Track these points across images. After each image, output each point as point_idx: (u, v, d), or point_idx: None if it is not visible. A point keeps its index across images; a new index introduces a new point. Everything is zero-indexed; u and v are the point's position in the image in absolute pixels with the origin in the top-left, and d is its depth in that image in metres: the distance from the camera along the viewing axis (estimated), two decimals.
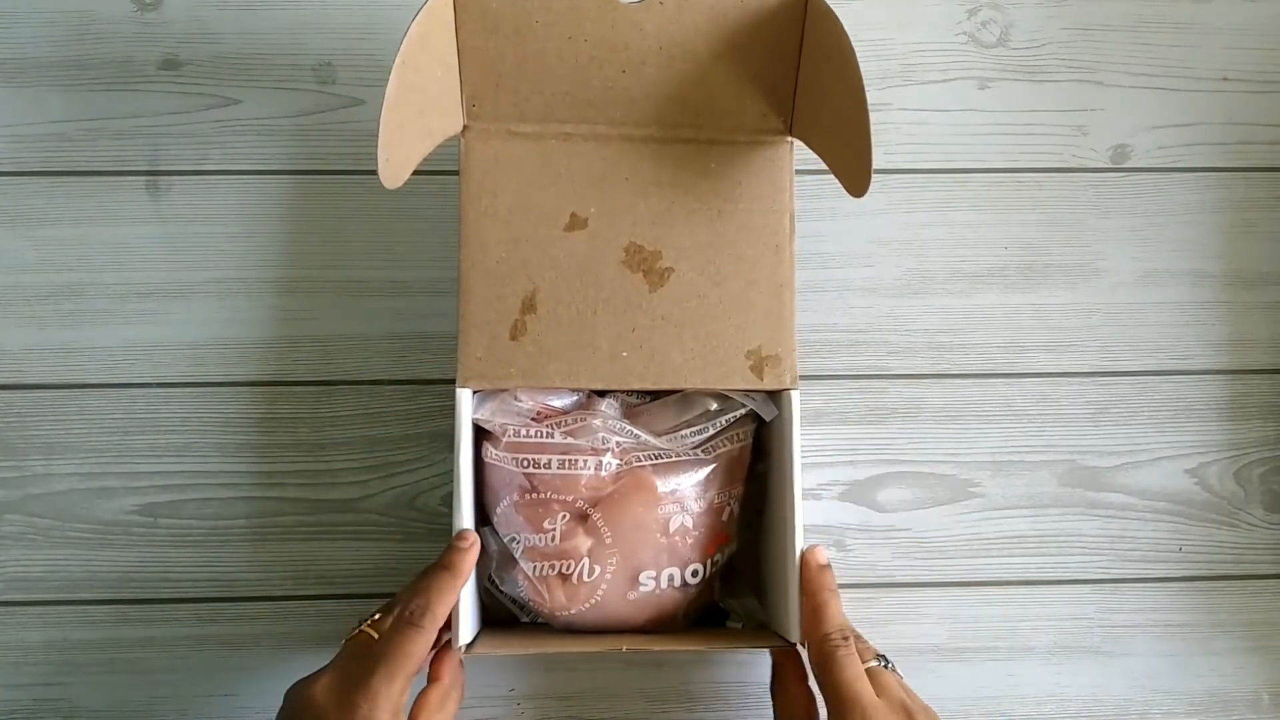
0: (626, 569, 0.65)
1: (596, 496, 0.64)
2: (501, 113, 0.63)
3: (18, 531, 0.72)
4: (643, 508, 0.64)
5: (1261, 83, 0.78)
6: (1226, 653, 0.75)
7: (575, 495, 0.64)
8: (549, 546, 0.64)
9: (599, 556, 0.64)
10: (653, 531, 0.65)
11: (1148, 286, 0.77)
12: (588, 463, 0.64)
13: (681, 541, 0.65)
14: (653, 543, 0.65)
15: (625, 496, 0.64)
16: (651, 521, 0.65)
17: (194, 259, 0.74)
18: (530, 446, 0.64)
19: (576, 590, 0.64)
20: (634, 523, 0.64)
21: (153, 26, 0.75)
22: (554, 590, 0.65)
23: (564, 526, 0.64)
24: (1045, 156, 0.77)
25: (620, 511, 0.64)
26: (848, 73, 0.54)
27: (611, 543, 0.64)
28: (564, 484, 0.64)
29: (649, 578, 0.65)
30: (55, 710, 0.72)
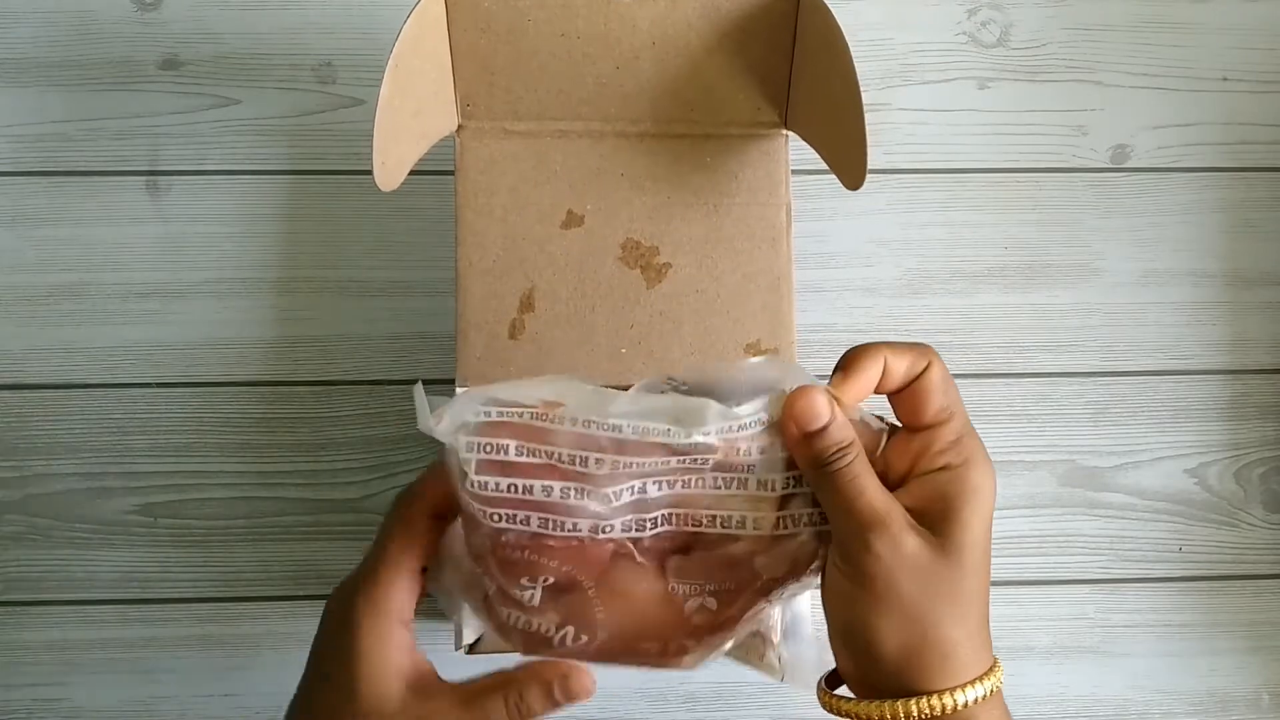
0: (620, 640, 0.50)
1: (595, 566, 0.49)
2: (496, 111, 0.63)
3: (18, 531, 0.72)
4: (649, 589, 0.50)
5: (1262, 83, 0.78)
6: (1227, 653, 0.75)
7: (562, 562, 0.49)
8: (524, 603, 0.49)
9: (586, 626, 0.49)
10: (661, 610, 0.50)
11: (1148, 286, 0.77)
12: (580, 526, 0.47)
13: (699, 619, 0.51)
14: (659, 620, 0.50)
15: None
16: (661, 603, 0.50)
17: (194, 259, 0.74)
18: (503, 501, 0.47)
19: (550, 649, 0.50)
20: (638, 608, 0.50)
21: (153, 26, 0.75)
22: (521, 642, 0.51)
23: (544, 591, 0.49)
24: (1045, 156, 0.77)
25: (621, 590, 0.50)
26: (841, 66, 0.54)
27: (604, 618, 0.49)
28: (547, 550, 0.49)
29: (650, 644, 0.51)
30: (55, 710, 0.72)
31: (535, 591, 0.48)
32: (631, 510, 0.47)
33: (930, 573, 0.44)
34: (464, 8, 0.60)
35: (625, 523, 0.47)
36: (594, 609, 0.49)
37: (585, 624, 0.49)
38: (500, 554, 0.48)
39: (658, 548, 0.48)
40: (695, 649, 0.49)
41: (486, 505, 0.46)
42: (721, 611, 0.49)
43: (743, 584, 0.48)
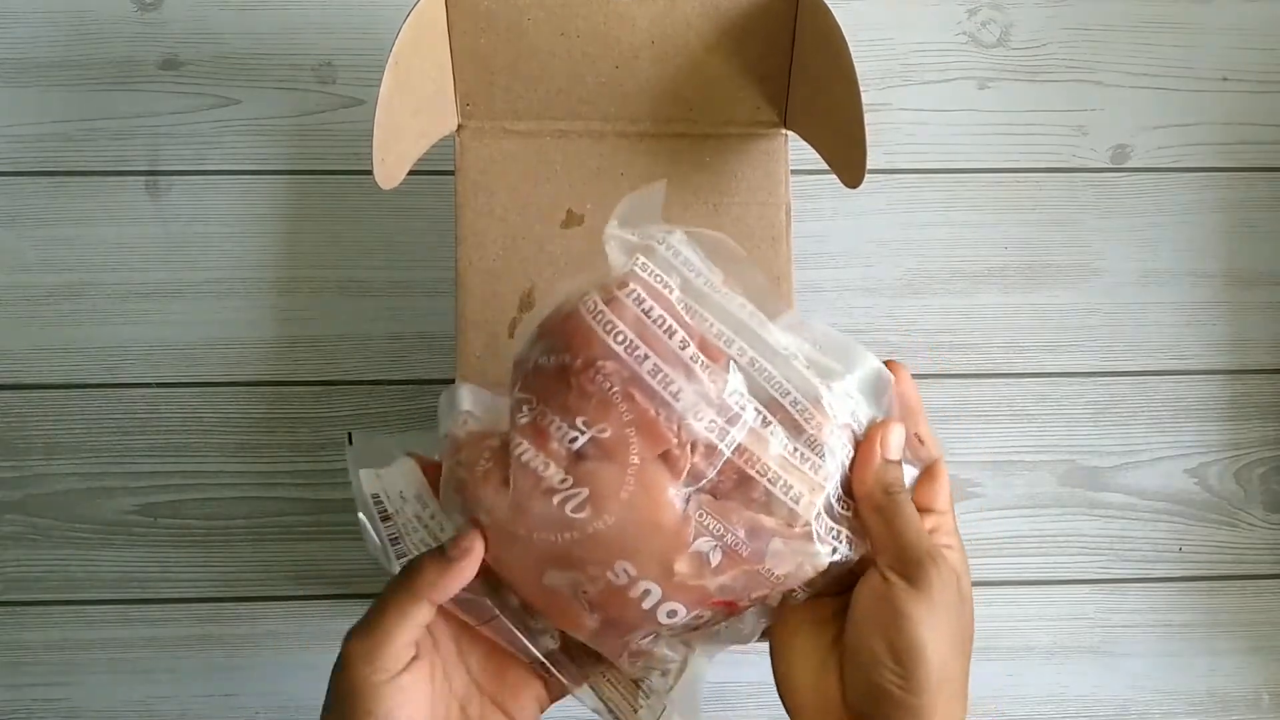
0: (616, 542, 0.47)
1: (649, 449, 0.47)
2: (496, 111, 0.63)
3: (18, 531, 0.72)
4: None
5: (1261, 83, 0.78)
6: (1227, 653, 0.75)
7: (632, 423, 0.46)
8: (562, 442, 0.47)
9: (599, 502, 0.46)
10: (669, 533, 0.48)
11: (1148, 286, 0.77)
12: (680, 398, 0.46)
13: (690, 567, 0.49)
14: (660, 543, 0.48)
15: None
16: (674, 526, 0.48)
17: (194, 259, 0.74)
18: (637, 325, 0.47)
19: (535, 502, 0.47)
20: (653, 516, 0.47)
21: (153, 26, 0.75)
22: (517, 481, 0.47)
23: (590, 443, 0.46)
24: (1045, 156, 0.77)
25: (651, 486, 0.47)
26: (841, 64, 0.54)
27: (621, 505, 0.47)
28: (629, 401, 0.47)
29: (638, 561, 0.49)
30: (55, 710, 0.72)
31: (582, 438, 0.47)
32: (724, 420, 0.47)
33: (962, 599, 0.48)
34: (464, 7, 0.60)
35: (708, 427, 0.47)
36: (619, 489, 0.47)
37: (600, 500, 0.47)
38: (583, 377, 0.47)
39: (700, 472, 0.47)
40: (669, 600, 0.48)
41: (618, 318, 0.46)
42: (713, 573, 0.48)
43: (749, 557, 0.48)
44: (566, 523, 0.46)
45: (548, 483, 0.46)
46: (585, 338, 0.46)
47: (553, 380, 0.47)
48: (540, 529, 0.46)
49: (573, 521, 0.46)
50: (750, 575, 0.48)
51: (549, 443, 0.47)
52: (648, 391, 0.46)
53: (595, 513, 0.46)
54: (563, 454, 0.47)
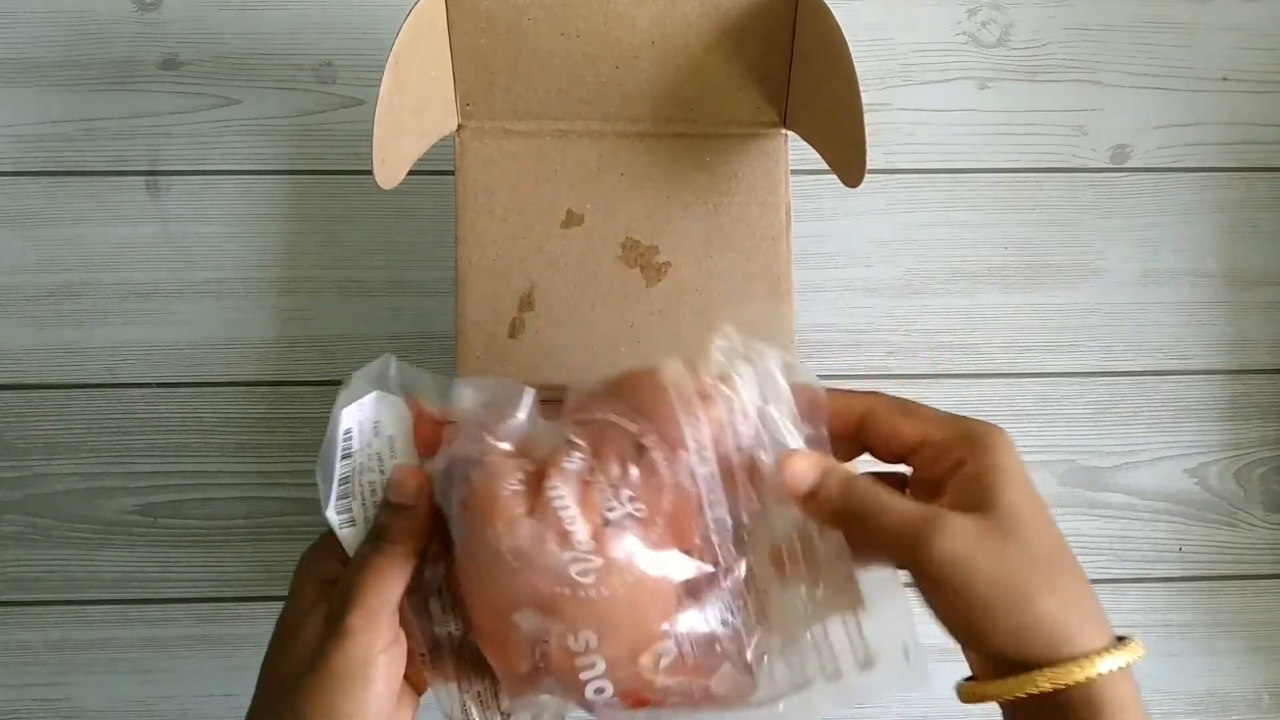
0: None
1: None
2: (496, 111, 0.63)
3: (18, 531, 0.72)
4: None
5: (1262, 83, 0.78)
6: (1227, 653, 0.75)
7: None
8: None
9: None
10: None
11: (1148, 286, 0.77)
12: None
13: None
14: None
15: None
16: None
17: (194, 259, 0.74)
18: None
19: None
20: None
21: (153, 26, 0.75)
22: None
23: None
24: (1045, 156, 0.77)
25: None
26: (840, 64, 0.54)
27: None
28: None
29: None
30: (55, 710, 0.72)
31: (619, 510, 0.47)
32: (736, 550, 0.49)
33: (993, 548, 0.44)
34: (464, 7, 0.60)
35: (722, 550, 0.49)
36: (630, 571, 0.47)
37: (608, 574, 0.47)
38: (653, 457, 0.47)
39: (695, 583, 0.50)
40: (606, 680, 0.48)
41: (704, 415, 0.47)
42: (664, 673, 0.49)
43: (701, 670, 0.50)
44: (568, 581, 0.47)
45: (570, 540, 0.46)
46: (670, 421, 0.47)
47: (617, 445, 0.47)
48: (539, 575, 0.47)
49: (574, 583, 0.47)
50: (692, 686, 0.49)
51: (588, 503, 0.47)
52: (695, 495, 0.47)
53: (598, 582, 0.47)
54: (596, 520, 0.47)
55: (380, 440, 0.51)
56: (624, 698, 0.49)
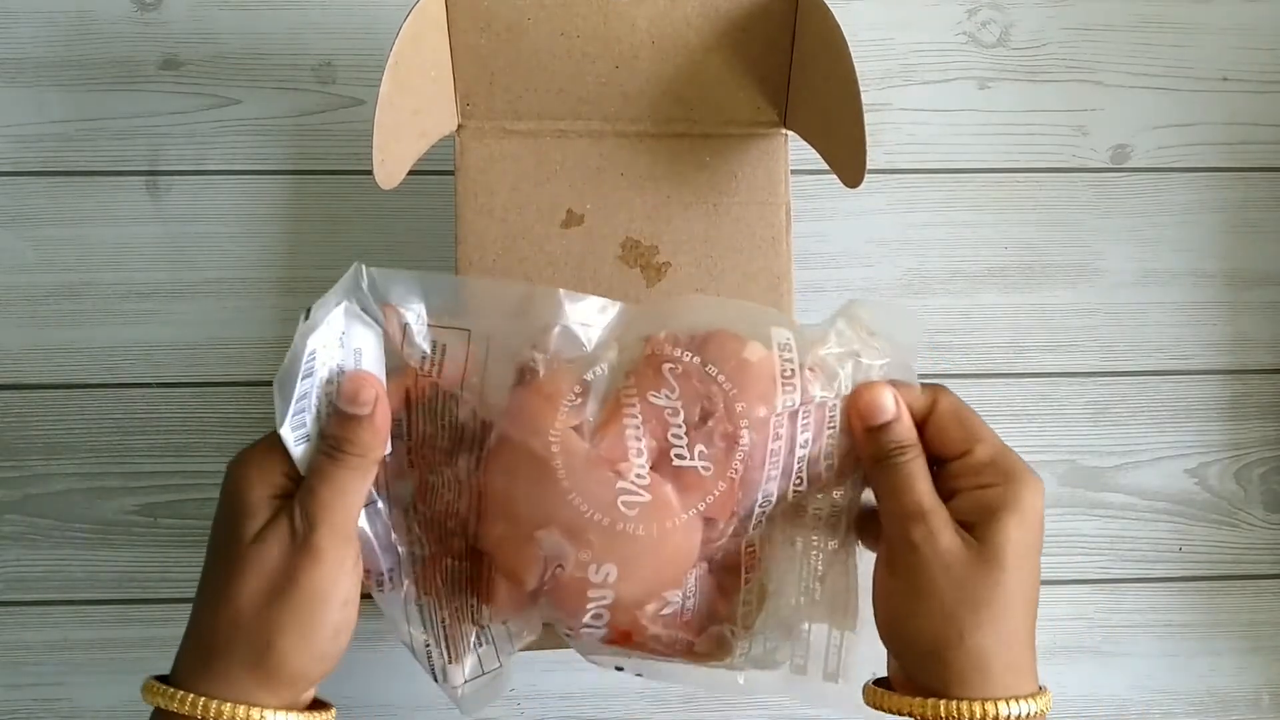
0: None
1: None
2: (496, 111, 0.63)
3: (17, 531, 0.72)
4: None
5: (1262, 83, 0.78)
6: (1227, 653, 0.75)
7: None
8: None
9: (651, 517, 0.48)
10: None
11: (1148, 286, 0.77)
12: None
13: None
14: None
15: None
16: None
17: (194, 259, 0.74)
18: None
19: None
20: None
21: (153, 26, 0.75)
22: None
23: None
24: (1045, 156, 0.77)
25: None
26: (840, 64, 0.55)
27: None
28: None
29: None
30: (55, 710, 0.72)
31: (684, 461, 0.48)
32: (760, 526, 0.52)
33: (965, 574, 0.46)
34: (464, 7, 0.60)
35: (755, 523, 0.51)
36: (671, 518, 0.48)
37: (651, 515, 0.48)
38: (736, 424, 0.48)
39: (721, 548, 0.52)
40: (605, 615, 0.49)
41: (799, 394, 0.48)
42: (661, 623, 0.51)
43: (692, 626, 0.51)
44: (608, 509, 0.47)
45: (626, 469, 0.47)
46: (766, 394, 0.48)
47: (705, 399, 0.48)
48: (581, 495, 0.47)
49: (616, 513, 0.47)
50: (678, 638, 0.50)
51: (659, 441, 0.48)
52: (757, 469, 0.48)
53: (639, 519, 0.47)
54: (658, 458, 0.48)
55: (346, 352, 0.50)
56: (612, 630, 0.49)
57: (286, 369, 0.48)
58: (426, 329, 0.50)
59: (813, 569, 0.52)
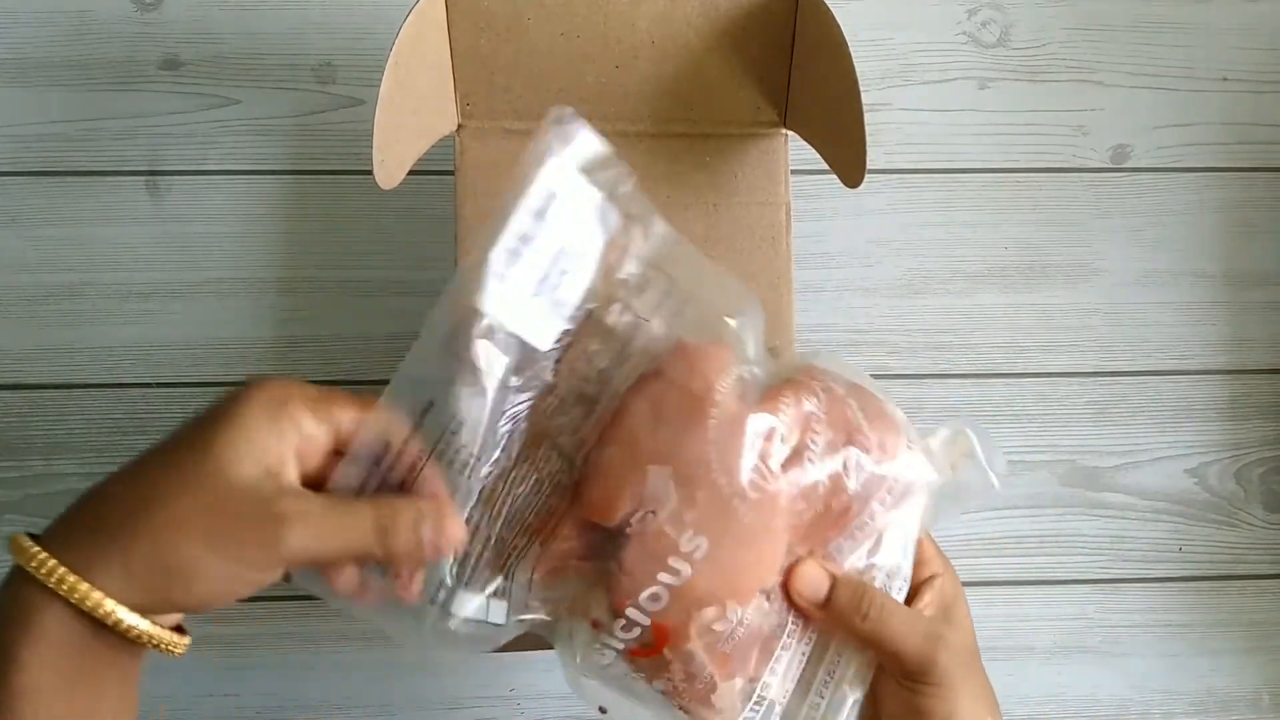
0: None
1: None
2: (495, 111, 0.63)
3: (17, 532, 0.72)
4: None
5: (1261, 83, 0.78)
6: (1227, 653, 0.75)
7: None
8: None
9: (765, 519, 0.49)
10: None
11: (1148, 286, 0.77)
12: None
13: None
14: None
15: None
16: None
17: (194, 259, 0.74)
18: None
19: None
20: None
21: (153, 26, 0.75)
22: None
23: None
24: (1045, 156, 0.77)
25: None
26: (841, 63, 0.55)
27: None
28: None
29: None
30: None
31: (819, 471, 0.49)
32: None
33: (965, 631, 0.51)
34: (464, 7, 0.60)
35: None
36: (777, 528, 0.49)
37: (764, 513, 0.48)
38: (872, 494, 0.50)
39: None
40: (668, 592, 0.48)
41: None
42: (705, 634, 0.49)
43: (711, 663, 0.50)
44: (732, 476, 0.47)
45: (767, 451, 0.47)
46: (891, 449, 0.50)
47: (849, 428, 0.50)
48: (717, 449, 0.47)
49: (736, 483, 0.47)
50: (701, 676, 0.49)
51: (797, 443, 0.48)
52: (853, 519, 0.49)
53: (754, 504, 0.47)
54: (793, 460, 0.48)
55: (580, 228, 0.47)
56: (653, 630, 0.48)
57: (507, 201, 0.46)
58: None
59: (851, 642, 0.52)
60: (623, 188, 0.47)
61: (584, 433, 0.49)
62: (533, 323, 0.46)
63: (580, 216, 0.47)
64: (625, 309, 0.48)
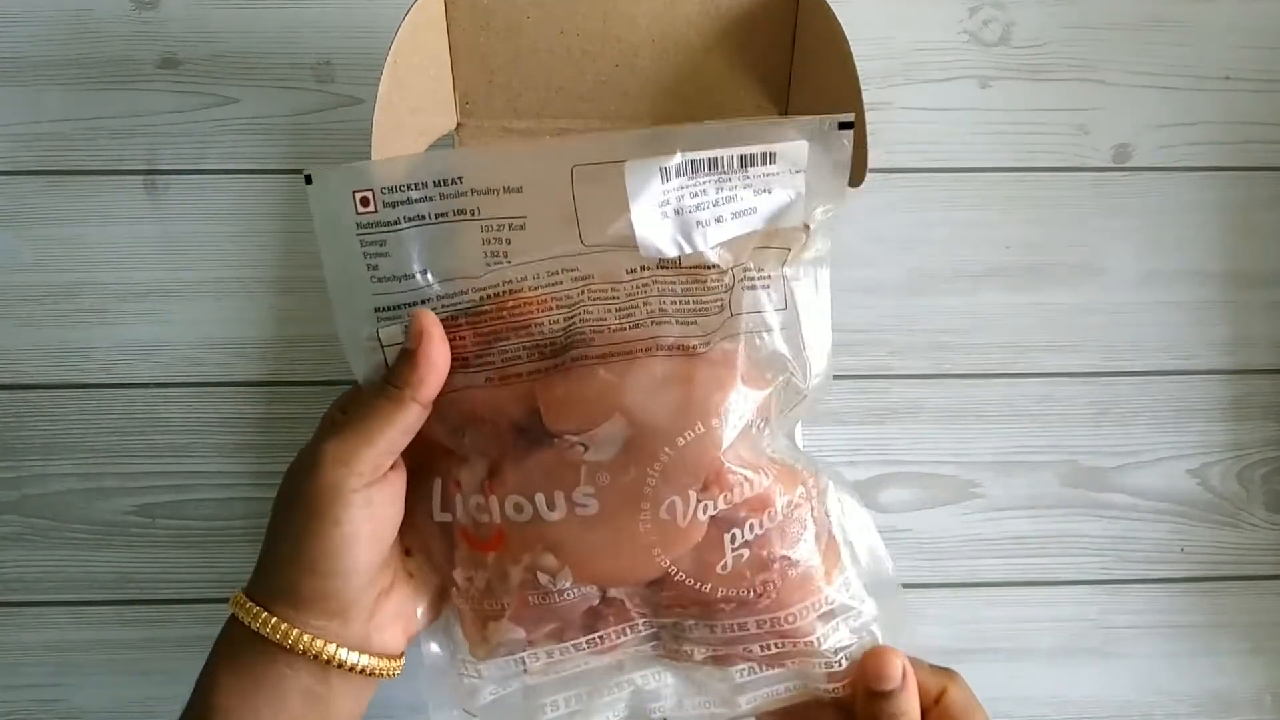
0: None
1: None
2: (495, 109, 0.62)
3: (15, 532, 0.72)
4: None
5: (1264, 82, 0.78)
6: (1229, 654, 0.75)
7: None
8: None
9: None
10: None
11: (1150, 286, 0.76)
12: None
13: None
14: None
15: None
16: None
17: (192, 258, 0.74)
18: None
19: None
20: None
21: (151, 25, 0.75)
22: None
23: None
24: (1047, 155, 0.77)
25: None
26: (841, 62, 0.54)
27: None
28: None
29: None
30: (53, 711, 0.72)
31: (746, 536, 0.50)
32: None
33: None
34: (463, 5, 0.60)
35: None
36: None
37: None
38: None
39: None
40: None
41: None
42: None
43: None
44: (655, 494, 0.47)
45: (707, 503, 0.48)
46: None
47: (785, 553, 0.50)
48: (667, 465, 0.47)
49: (655, 498, 0.47)
50: (502, 588, 0.50)
51: (740, 518, 0.49)
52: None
53: (654, 531, 0.48)
54: (724, 526, 0.49)
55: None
56: (502, 530, 0.49)
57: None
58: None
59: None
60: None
61: (598, 335, 0.49)
62: (659, 223, 0.47)
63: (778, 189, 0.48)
64: (746, 285, 0.49)
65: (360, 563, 0.47)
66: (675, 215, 0.46)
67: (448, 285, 0.47)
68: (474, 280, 0.47)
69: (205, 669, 0.50)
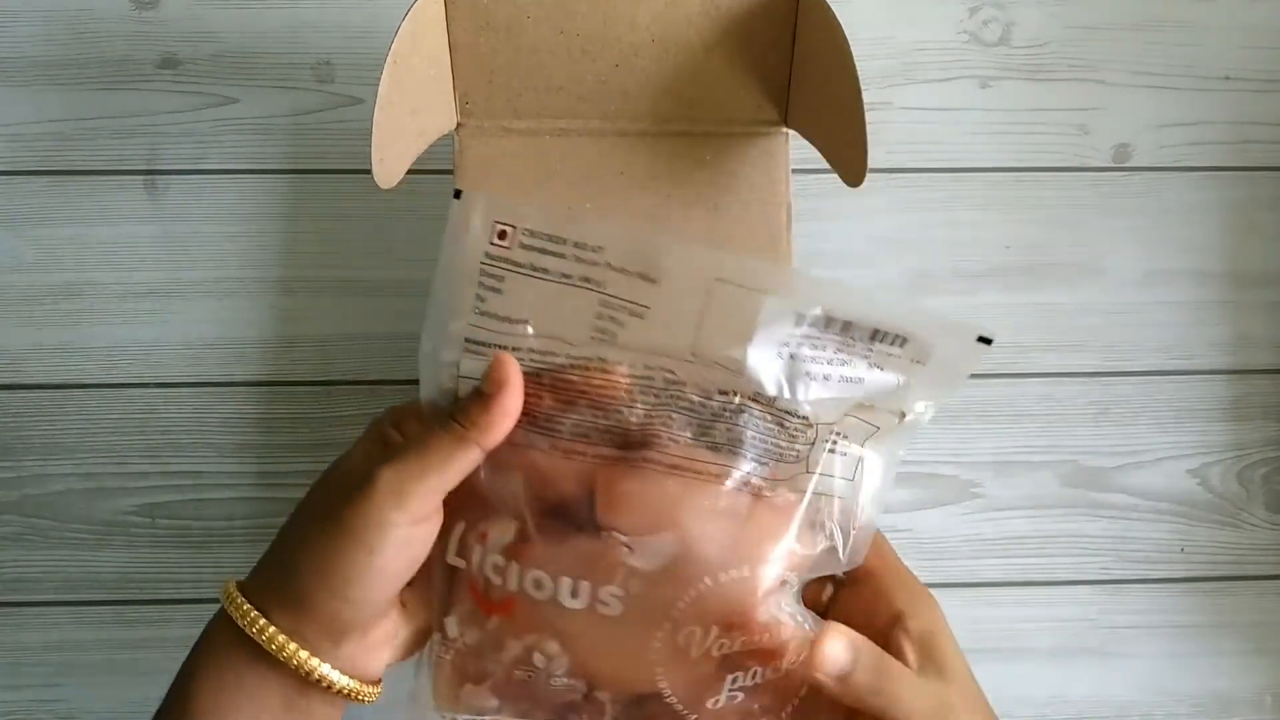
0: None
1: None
2: (495, 109, 0.62)
3: (15, 532, 0.72)
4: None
5: (1265, 82, 0.78)
6: (1230, 654, 0.75)
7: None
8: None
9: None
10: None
11: (1150, 286, 0.76)
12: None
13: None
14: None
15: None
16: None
17: (193, 258, 0.74)
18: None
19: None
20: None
21: (151, 25, 0.75)
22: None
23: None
24: (1047, 155, 0.77)
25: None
26: (841, 62, 0.54)
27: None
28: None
29: None
30: (53, 712, 0.72)
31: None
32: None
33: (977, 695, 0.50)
34: (463, 5, 0.60)
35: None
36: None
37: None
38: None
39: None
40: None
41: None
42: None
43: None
44: (681, 624, 0.47)
45: (722, 643, 0.48)
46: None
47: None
48: (703, 604, 0.47)
49: (685, 627, 0.48)
50: (499, 655, 0.50)
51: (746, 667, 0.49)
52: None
53: (666, 646, 0.48)
54: (726, 669, 0.48)
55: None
56: (511, 598, 0.49)
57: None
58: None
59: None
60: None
61: (674, 444, 0.48)
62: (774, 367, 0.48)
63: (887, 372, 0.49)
64: (829, 448, 0.49)
65: (382, 595, 0.47)
66: (790, 360, 0.47)
67: (544, 342, 0.48)
68: (570, 347, 0.47)
69: (187, 663, 0.49)
